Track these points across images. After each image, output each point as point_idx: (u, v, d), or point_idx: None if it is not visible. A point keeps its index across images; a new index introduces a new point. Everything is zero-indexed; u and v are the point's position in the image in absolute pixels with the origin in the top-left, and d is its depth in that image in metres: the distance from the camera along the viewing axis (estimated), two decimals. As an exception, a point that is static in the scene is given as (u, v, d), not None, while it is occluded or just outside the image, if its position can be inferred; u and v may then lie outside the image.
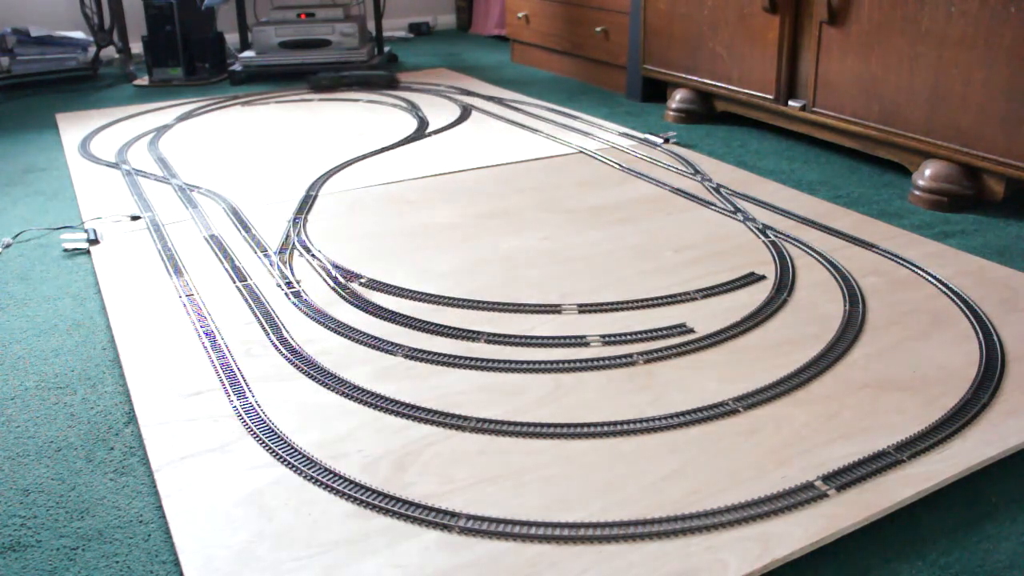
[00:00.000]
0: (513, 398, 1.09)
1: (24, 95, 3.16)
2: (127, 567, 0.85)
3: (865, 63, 1.90)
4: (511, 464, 0.96)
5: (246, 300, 1.39)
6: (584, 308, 1.33)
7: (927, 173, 1.78)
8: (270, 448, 1.00)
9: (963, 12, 1.66)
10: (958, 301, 1.31)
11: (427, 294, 1.39)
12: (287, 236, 1.66)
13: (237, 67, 3.25)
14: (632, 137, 2.30)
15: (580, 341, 1.23)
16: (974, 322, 1.25)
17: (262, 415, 1.07)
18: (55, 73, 3.33)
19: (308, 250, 1.59)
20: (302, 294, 1.40)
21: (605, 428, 1.02)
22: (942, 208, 1.75)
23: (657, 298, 1.36)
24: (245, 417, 1.06)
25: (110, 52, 3.70)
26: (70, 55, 3.34)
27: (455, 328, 1.27)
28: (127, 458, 1.02)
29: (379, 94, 2.91)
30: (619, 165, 2.05)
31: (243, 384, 1.14)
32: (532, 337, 1.24)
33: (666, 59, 2.55)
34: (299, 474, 0.95)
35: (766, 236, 1.59)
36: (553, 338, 1.24)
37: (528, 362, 1.17)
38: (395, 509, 0.89)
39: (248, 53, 3.28)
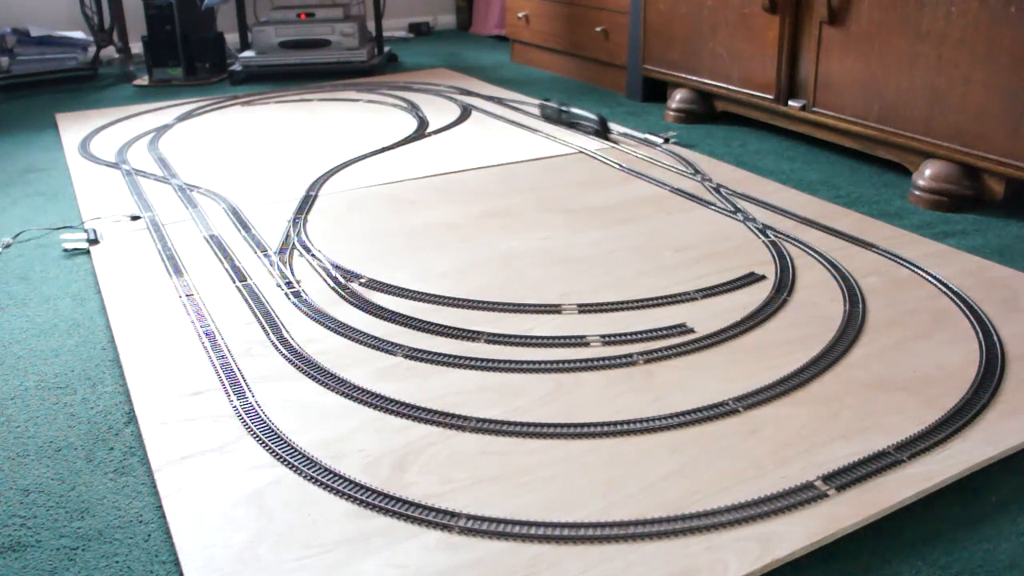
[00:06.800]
0: (513, 398, 1.09)
1: (24, 95, 3.16)
2: (127, 567, 0.85)
3: (865, 63, 1.90)
4: (511, 464, 0.96)
5: (246, 300, 1.39)
6: (584, 308, 1.33)
7: (927, 173, 1.78)
8: (270, 448, 1.00)
9: (963, 12, 1.66)
10: (958, 301, 1.31)
11: (427, 294, 1.39)
12: (287, 236, 1.66)
13: (237, 67, 3.25)
14: (632, 137, 2.30)
15: (580, 341, 1.23)
16: (974, 322, 1.25)
17: (262, 415, 1.07)
18: (55, 73, 3.33)
19: (308, 250, 1.59)
20: (302, 294, 1.40)
21: (605, 428, 1.02)
22: (942, 208, 1.75)
23: (657, 298, 1.36)
24: (245, 417, 1.06)
25: (110, 52, 3.70)
26: (70, 55, 3.34)
27: (455, 328, 1.27)
28: (127, 458, 1.02)
29: (380, 94, 2.92)
30: (619, 165, 2.05)
31: (243, 384, 1.14)
32: (532, 337, 1.24)
33: (666, 59, 2.55)
34: (299, 474, 0.95)
35: (766, 236, 1.59)
36: (553, 338, 1.24)
37: (528, 362, 1.17)
38: (395, 509, 0.89)
39: (248, 53, 3.29)
